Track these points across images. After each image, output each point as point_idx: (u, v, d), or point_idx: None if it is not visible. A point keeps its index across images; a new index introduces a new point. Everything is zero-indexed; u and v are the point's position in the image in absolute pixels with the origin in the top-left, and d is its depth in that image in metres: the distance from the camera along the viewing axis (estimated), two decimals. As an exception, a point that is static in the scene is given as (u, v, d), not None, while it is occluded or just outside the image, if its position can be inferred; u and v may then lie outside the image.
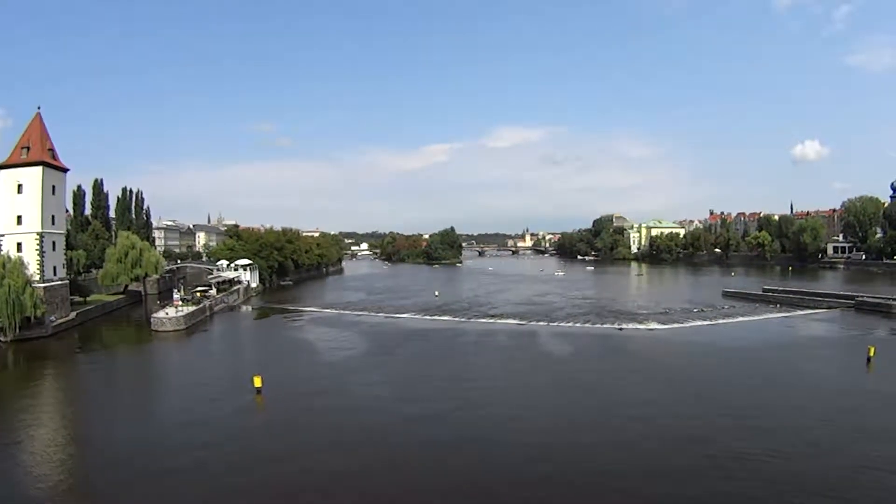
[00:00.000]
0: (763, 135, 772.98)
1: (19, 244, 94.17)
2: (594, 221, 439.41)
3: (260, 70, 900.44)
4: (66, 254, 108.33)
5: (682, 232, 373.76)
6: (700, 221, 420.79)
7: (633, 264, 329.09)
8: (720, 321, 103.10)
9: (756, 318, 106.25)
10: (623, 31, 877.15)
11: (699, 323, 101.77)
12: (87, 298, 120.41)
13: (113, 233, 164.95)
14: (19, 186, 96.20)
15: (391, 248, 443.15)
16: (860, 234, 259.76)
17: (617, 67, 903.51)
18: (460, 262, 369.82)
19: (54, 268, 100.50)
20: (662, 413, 51.41)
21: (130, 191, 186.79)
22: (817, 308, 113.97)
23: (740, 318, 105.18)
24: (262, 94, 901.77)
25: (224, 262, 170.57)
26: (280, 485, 37.53)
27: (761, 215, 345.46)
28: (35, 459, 42.69)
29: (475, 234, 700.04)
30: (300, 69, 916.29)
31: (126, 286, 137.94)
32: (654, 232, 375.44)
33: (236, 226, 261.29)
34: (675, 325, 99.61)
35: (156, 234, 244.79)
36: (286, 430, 48.69)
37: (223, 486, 37.30)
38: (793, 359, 74.45)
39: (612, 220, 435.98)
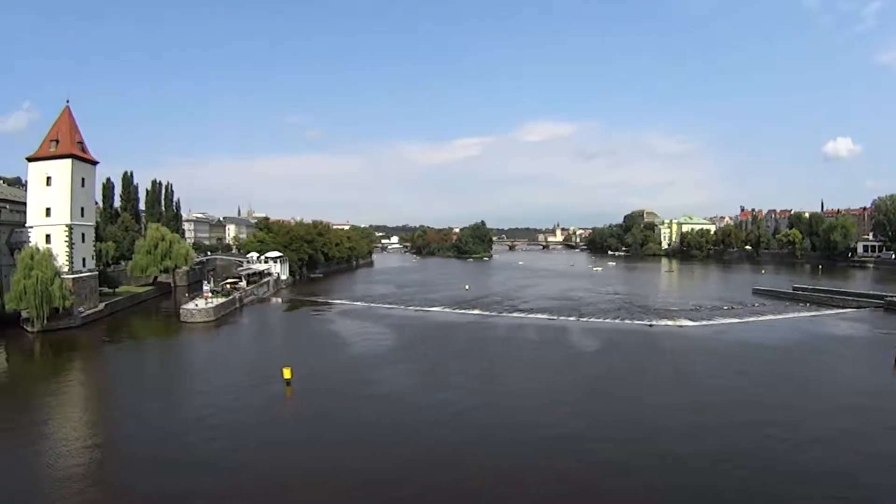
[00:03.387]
0: (794, 132, 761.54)
1: (48, 236, 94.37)
2: (625, 217, 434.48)
3: (289, 63, 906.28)
4: (95, 245, 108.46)
5: (712, 228, 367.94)
6: (731, 218, 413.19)
7: (664, 260, 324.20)
8: (750, 319, 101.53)
9: (786, 316, 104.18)
10: (654, 28, 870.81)
11: (729, 320, 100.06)
12: (117, 289, 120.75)
13: (142, 225, 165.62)
14: (48, 179, 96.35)
15: (421, 242, 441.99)
16: (890, 234, 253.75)
17: (648, 64, 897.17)
18: (490, 257, 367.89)
19: (83, 259, 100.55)
20: (693, 414, 49.84)
21: (160, 183, 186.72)
22: (847, 307, 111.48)
23: (770, 317, 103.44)
24: (292, 86, 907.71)
25: (254, 255, 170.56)
26: (307, 478, 37.24)
27: (792, 213, 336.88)
28: (61, 450, 42.38)
29: (505, 228, 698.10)
30: (330, 62, 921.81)
31: (155, 278, 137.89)
32: (685, 228, 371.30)
33: (266, 218, 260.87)
34: (706, 323, 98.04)
35: (185, 226, 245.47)
36: (315, 424, 48.61)
37: (250, 478, 37.01)
38: (822, 359, 73.06)
39: (642, 215, 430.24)
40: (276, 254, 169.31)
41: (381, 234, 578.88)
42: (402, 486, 36.11)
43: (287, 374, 59.30)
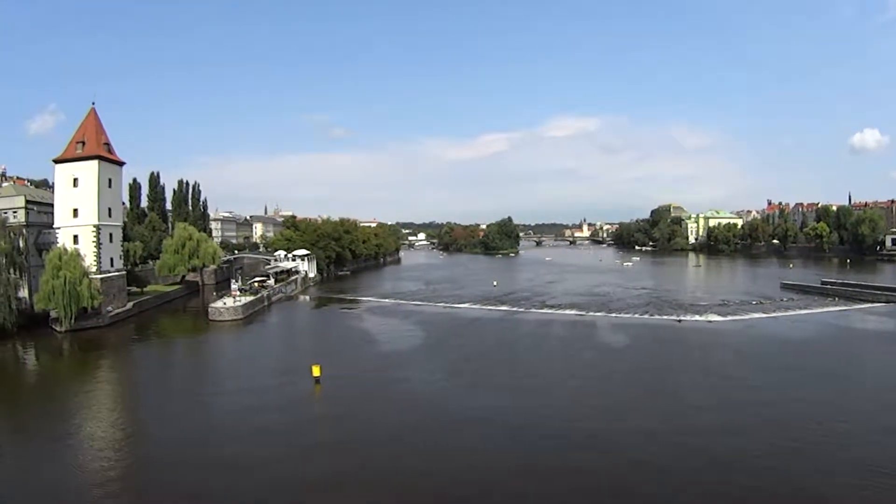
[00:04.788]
0: (821, 124, 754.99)
1: (76, 236, 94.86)
2: (652, 212, 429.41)
3: (314, 61, 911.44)
4: (122, 245, 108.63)
5: (739, 222, 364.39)
6: (758, 212, 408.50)
7: (691, 255, 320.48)
8: (779, 314, 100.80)
9: (814, 311, 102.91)
10: (678, 22, 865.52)
11: (758, 315, 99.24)
12: (144, 289, 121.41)
13: (170, 224, 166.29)
14: (75, 180, 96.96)
15: (448, 238, 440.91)
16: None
17: (673, 58, 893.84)
18: (517, 253, 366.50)
19: (111, 259, 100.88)
20: (728, 414, 48.43)
21: (187, 183, 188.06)
22: (876, 302, 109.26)
23: (799, 311, 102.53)
24: (318, 85, 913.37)
25: (282, 253, 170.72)
26: (336, 477, 36.87)
27: (819, 206, 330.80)
28: (89, 448, 42.71)
29: (532, 224, 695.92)
30: (355, 60, 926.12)
31: (183, 276, 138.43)
32: (712, 222, 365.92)
33: (293, 216, 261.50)
34: (734, 318, 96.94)
35: (212, 225, 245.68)
36: (344, 422, 48.26)
37: (278, 477, 36.61)
38: (852, 354, 72.59)
39: (669, 210, 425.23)
40: (303, 252, 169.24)
41: (407, 231, 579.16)
42: (431, 485, 35.68)
43: (316, 371, 58.98)
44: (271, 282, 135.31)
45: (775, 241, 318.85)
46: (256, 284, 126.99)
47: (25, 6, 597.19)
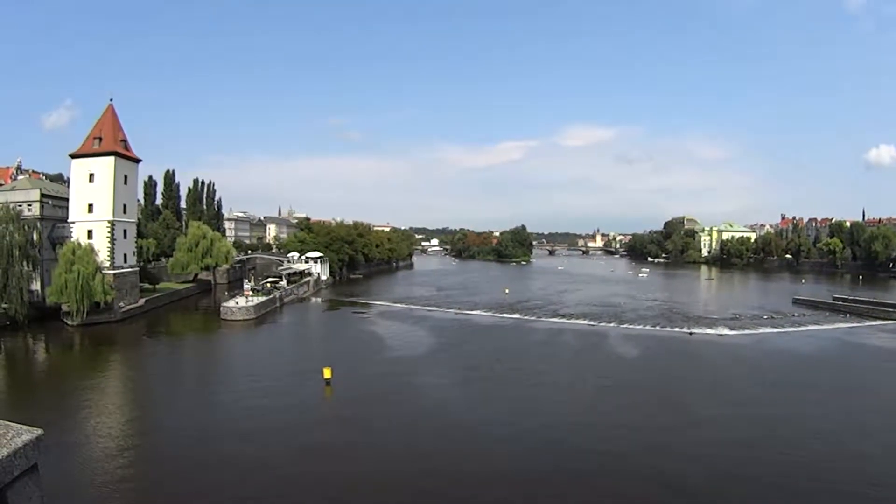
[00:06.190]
0: (836, 139, 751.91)
1: (90, 231, 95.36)
2: (665, 223, 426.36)
3: (331, 64, 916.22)
4: (136, 242, 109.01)
5: (752, 236, 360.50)
6: (771, 226, 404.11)
7: (703, 268, 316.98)
8: (790, 329, 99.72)
9: (825, 327, 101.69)
10: (695, 33, 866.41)
11: (769, 330, 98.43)
12: (157, 286, 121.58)
13: (183, 223, 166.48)
14: (91, 175, 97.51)
15: (461, 245, 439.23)
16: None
17: (689, 68, 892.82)
18: (529, 261, 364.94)
19: (125, 255, 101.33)
20: (734, 426, 48.12)
21: (202, 182, 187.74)
22: (887, 319, 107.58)
23: (810, 327, 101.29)
24: (336, 88, 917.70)
25: (295, 254, 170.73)
26: (347, 479, 36.60)
27: (833, 221, 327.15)
28: (96, 442, 42.89)
29: (546, 232, 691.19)
30: (372, 65, 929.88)
31: (196, 275, 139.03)
32: (725, 235, 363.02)
33: (307, 218, 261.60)
34: (745, 332, 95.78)
35: (226, 224, 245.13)
36: (355, 425, 48.19)
37: (287, 479, 36.52)
38: (862, 370, 71.56)
39: (683, 222, 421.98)
40: (316, 254, 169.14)
41: (421, 236, 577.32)
42: (440, 487, 35.73)
43: (327, 373, 58.98)
44: (284, 283, 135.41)
45: (788, 255, 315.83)
46: (269, 285, 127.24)
47: (46, 4, 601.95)
